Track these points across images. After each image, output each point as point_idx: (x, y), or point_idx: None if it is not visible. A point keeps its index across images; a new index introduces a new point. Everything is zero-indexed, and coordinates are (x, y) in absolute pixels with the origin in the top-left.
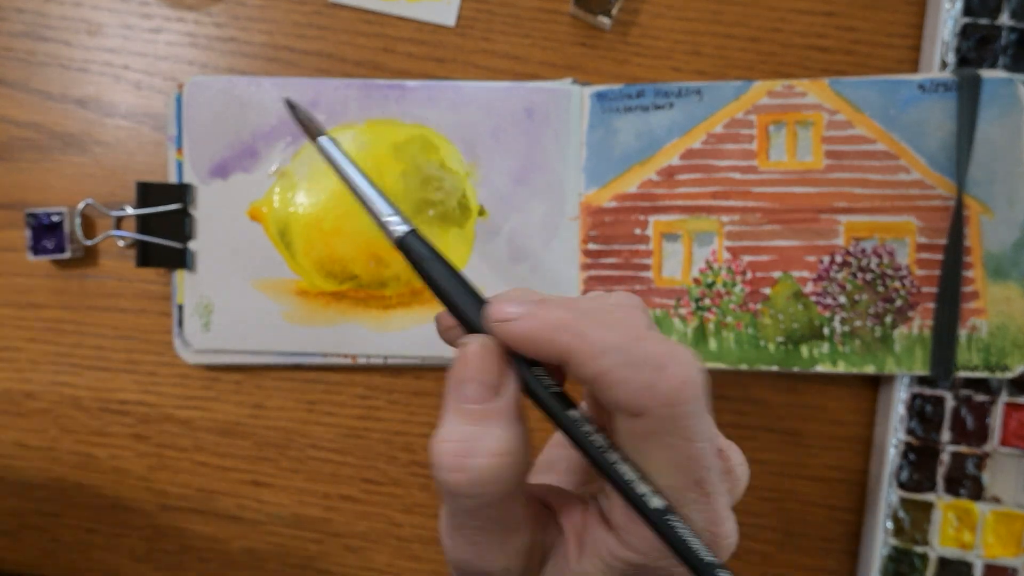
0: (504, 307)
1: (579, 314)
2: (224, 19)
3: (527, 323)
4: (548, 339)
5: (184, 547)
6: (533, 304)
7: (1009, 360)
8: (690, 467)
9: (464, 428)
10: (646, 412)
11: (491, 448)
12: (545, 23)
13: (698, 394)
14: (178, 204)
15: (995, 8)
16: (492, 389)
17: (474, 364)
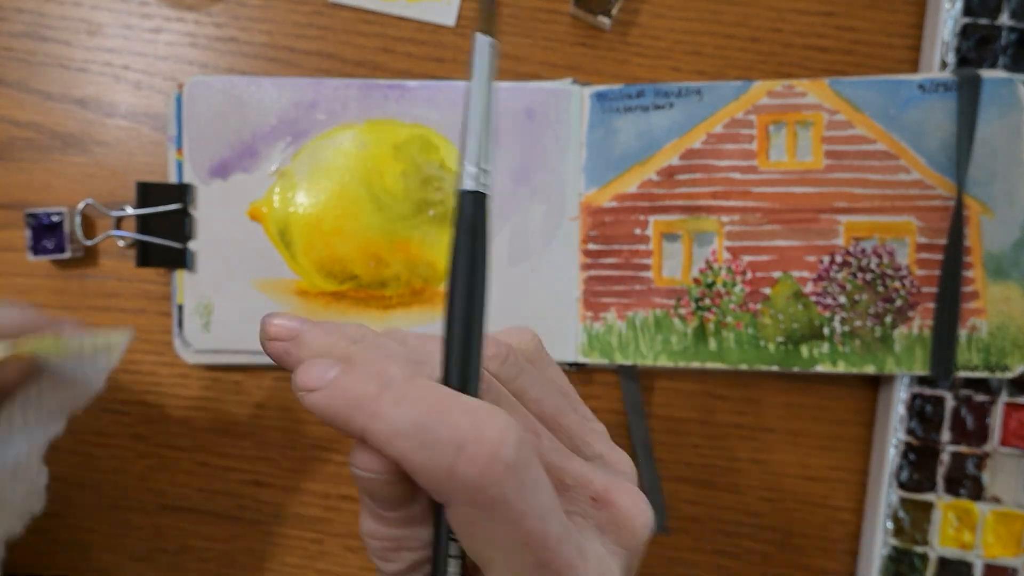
0: (308, 375)
1: (382, 385)
2: (224, 19)
3: (324, 398)
4: (345, 419)
5: (184, 547)
6: (338, 372)
7: (1009, 360)
8: (526, 551)
9: (385, 531)
10: (452, 499)
11: (417, 545)
12: (545, 23)
13: (509, 471)
14: (178, 204)
15: (995, 8)
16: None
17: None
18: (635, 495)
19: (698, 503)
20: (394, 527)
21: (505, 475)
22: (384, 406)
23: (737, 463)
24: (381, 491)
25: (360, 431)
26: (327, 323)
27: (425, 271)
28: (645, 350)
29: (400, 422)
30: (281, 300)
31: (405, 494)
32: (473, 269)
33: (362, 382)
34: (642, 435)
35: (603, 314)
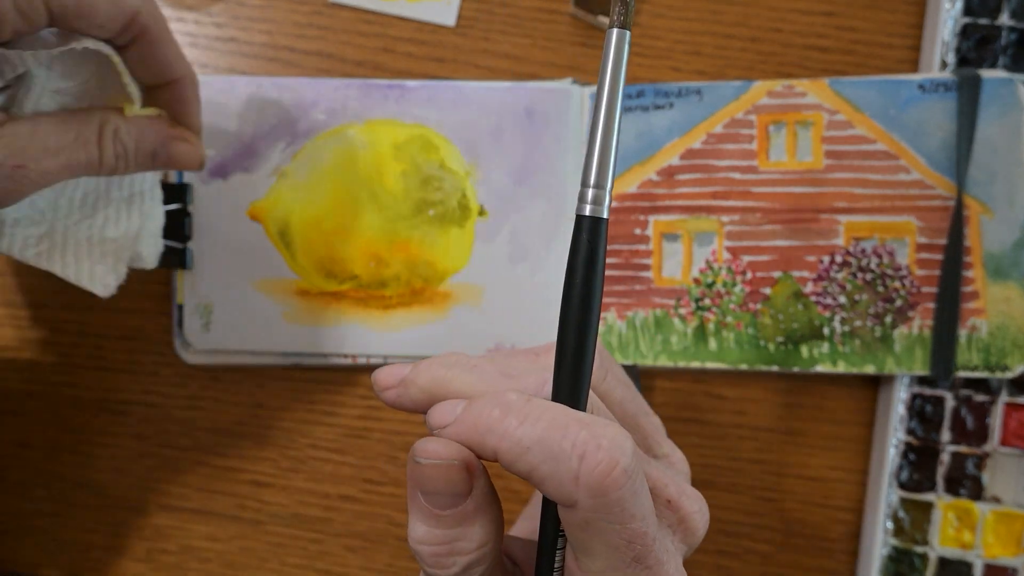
0: (440, 415)
1: (505, 409)
2: (224, 19)
3: (458, 430)
4: (479, 443)
5: (184, 547)
6: (464, 407)
7: (1009, 360)
8: (629, 547)
9: (439, 532)
10: (577, 504)
11: (470, 547)
12: (545, 23)
13: (627, 476)
14: (178, 204)
15: (995, 8)
16: (461, 496)
17: (438, 479)
18: (699, 500)
19: None
20: (448, 527)
21: (623, 480)
22: (510, 428)
23: (737, 463)
24: (444, 481)
25: (492, 452)
26: (425, 361)
27: (425, 271)
28: (645, 350)
29: (526, 439)
30: (281, 300)
31: (463, 486)
32: (588, 294)
33: (487, 410)
34: None
35: (603, 314)
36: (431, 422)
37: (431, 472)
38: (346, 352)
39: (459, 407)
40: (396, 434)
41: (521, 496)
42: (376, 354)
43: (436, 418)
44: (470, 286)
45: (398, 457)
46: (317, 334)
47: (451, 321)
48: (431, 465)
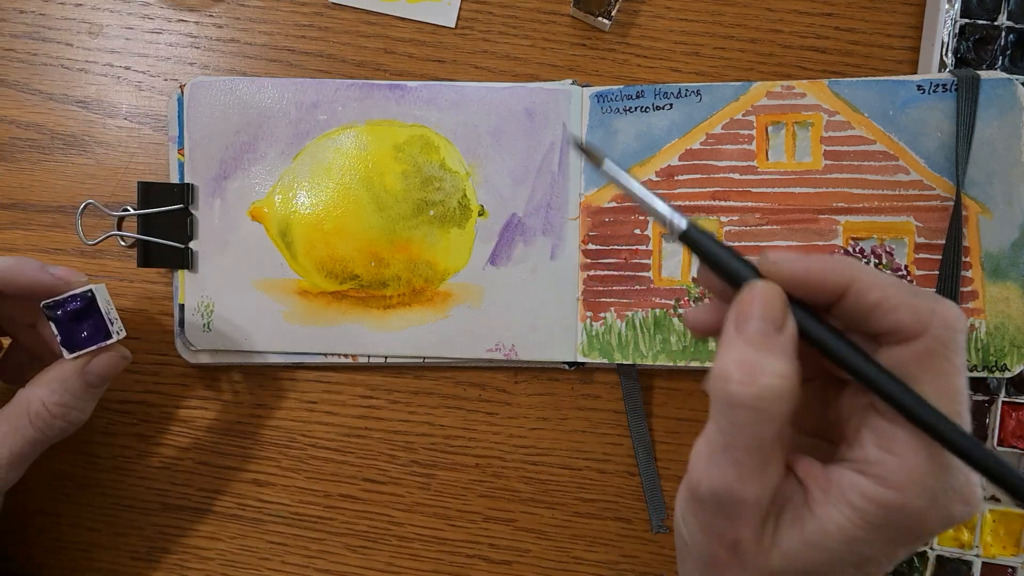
0: (782, 252)
1: (846, 258)
2: (225, 20)
3: (804, 263)
4: (831, 272)
5: (185, 546)
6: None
7: (1008, 360)
8: (954, 398)
9: (750, 353)
10: (927, 332)
11: (776, 370)
12: (545, 24)
13: (966, 328)
14: (179, 204)
15: (993, 9)
16: (776, 325)
17: (761, 302)
18: None
19: None
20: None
21: (965, 327)
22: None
23: None
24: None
25: (847, 279)
26: None
27: (425, 271)
28: (645, 350)
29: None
30: (282, 300)
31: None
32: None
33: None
34: (642, 435)
35: (603, 314)
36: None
37: (756, 295)
38: (346, 352)
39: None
40: (396, 434)
41: (521, 496)
42: (376, 354)
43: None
44: (470, 286)
45: (398, 457)
46: (317, 334)
47: (451, 321)
48: (756, 289)
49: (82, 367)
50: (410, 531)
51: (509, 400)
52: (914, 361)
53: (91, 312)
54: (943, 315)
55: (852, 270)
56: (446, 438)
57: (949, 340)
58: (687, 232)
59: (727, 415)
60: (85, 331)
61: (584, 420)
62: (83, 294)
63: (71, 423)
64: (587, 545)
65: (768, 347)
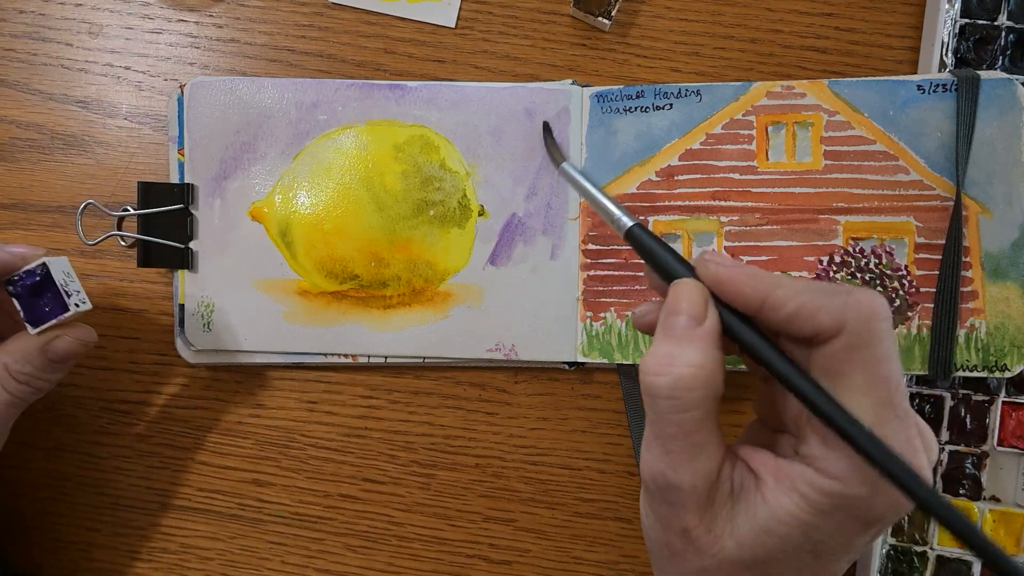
0: (716, 253)
1: (771, 272)
2: (225, 20)
3: (733, 269)
4: (750, 285)
5: (184, 547)
6: (737, 261)
7: (1008, 360)
8: (883, 387)
9: (668, 347)
10: (845, 327)
11: (688, 360)
12: (545, 24)
13: (886, 315)
14: (179, 204)
15: (993, 9)
16: (697, 320)
17: (683, 298)
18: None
19: None
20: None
21: (884, 315)
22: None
23: None
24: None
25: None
26: None
27: (426, 271)
28: (645, 350)
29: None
30: (282, 300)
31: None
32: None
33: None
34: (642, 435)
35: (603, 314)
36: (708, 255)
37: (680, 291)
38: (346, 352)
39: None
40: (396, 434)
41: (521, 496)
42: (376, 354)
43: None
44: (470, 286)
45: (398, 457)
46: (317, 334)
47: (451, 321)
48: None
49: (44, 343)
50: (410, 531)
51: (509, 400)
52: (837, 358)
53: (48, 285)
54: (855, 308)
55: (769, 284)
56: (446, 438)
57: (866, 331)
58: (631, 231)
59: (651, 406)
60: (46, 305)
61: (584, 420)
62: (37, 268)
63: (37, 389)
64: (587, 545)
65: (686, 339)
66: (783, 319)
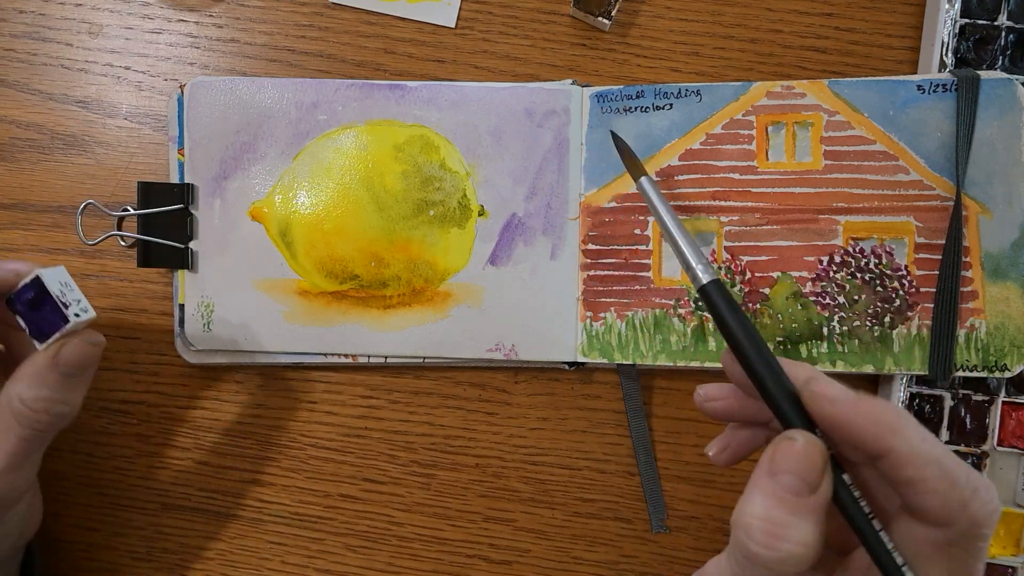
0: (831, 387)
1: (899, 414)
2: (225, 20)
3: (852, 410)
4: (874, 435)
5: (184, 547)
6: (852, 392)
7: (1008, 360)
8: None
9: (778, 512)
10: (952, 525)
11: (801, 539)
12: (545, 24)
13: (995, 524)
14: (179, 204)
15: (993, 9)
16: (811, 487)
17: (799, 458)
18: None
19: (698, 503)
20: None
21: (993, 526)
22: (912, 432)
23: None
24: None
25: (886, 447)
26: None
27: (426, 271)
28: (644, 350)
29: (928, 452)
30: (282, 300)
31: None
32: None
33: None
34: (642, 435)
35: (603, 314)
36: (819, 387)
37: (797, 450)
38: (346, 352)
39: (846, 389)
40: (396, 434)
41: (521, 496)
42: (376, 354)
43: (825, 386)
44: (470, 286)
45: (398, 457)
46: (317, 334)
47: (451, 321)
48: (797, 443)
49: (53, 357)
50: (410, 531)
51: (509, 400)
52: (931, 546)
53: (44, 298)
54: (974, 514)
55: (893, 437)
56: (446, 438)
57: (974, 537)
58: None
59: (743, 565)
60: (47, 318)
61: (584, 420)
62: (32, 282)
63: (58, 416)
64: (587, 545)
65: (798, 510)
66: (896, 480)
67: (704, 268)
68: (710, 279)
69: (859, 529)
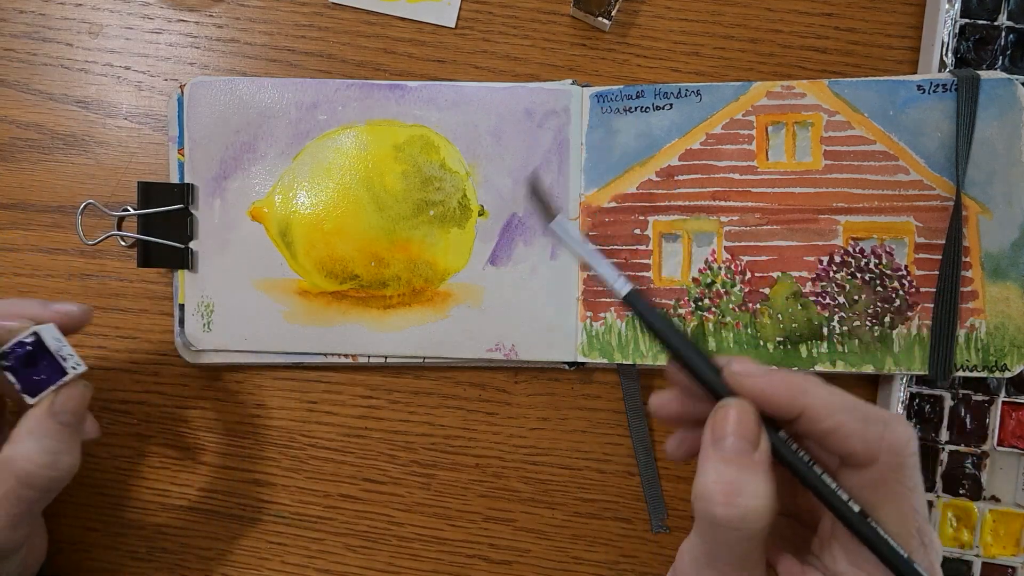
0: (746, 364)
1: (806, 378)
2: (225, 20)
3: (766, 380)
4: (788, 396)
5: (184, 546)
6: (766, 367)
7: (1008, 360)
8: (911, 516)
9: (730, 472)
10: (876, 460)
11: (756, 491)
12: (545, 24)
13: (916, 449)
14: (179, 204)
15: (993, 9)
16: (752, 444)
17: (735, 421)
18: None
19: None
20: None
21: (915, 450)
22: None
23: None
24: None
25: (801, 406)
26: None
27: (426, 271)
28: (645, 349)
29: (837, 402)
30: (282, 300)
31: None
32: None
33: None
34: (642, 435)
35: (603, 314)
36: (740, 368)
37: (732, 414)
38: (346, 352)
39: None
40: (396, 433)
41: (521, 496)
42: (376, 354)
43: (746, 366)
44: (470, 286)
45: (398, 457)
46: (317, 334)
47: (451, 321)
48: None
49: (49, 409)
50: (410, 531)
51: (509, 400)
52: (869, 488)
53: (42, 354)
54: (891, 441)
55: (805, 396)
56: (446, 438)
57: (899, 465)
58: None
59: (710, 532)
60: (42, 373)
61: (584, 420)
62: (28, 338)
63: (62, 470)
64: (587, 545)
65: (746, 465)
66: (818, 434)
67: (624, 281)
68: (630, 289)
69: (803, 476)
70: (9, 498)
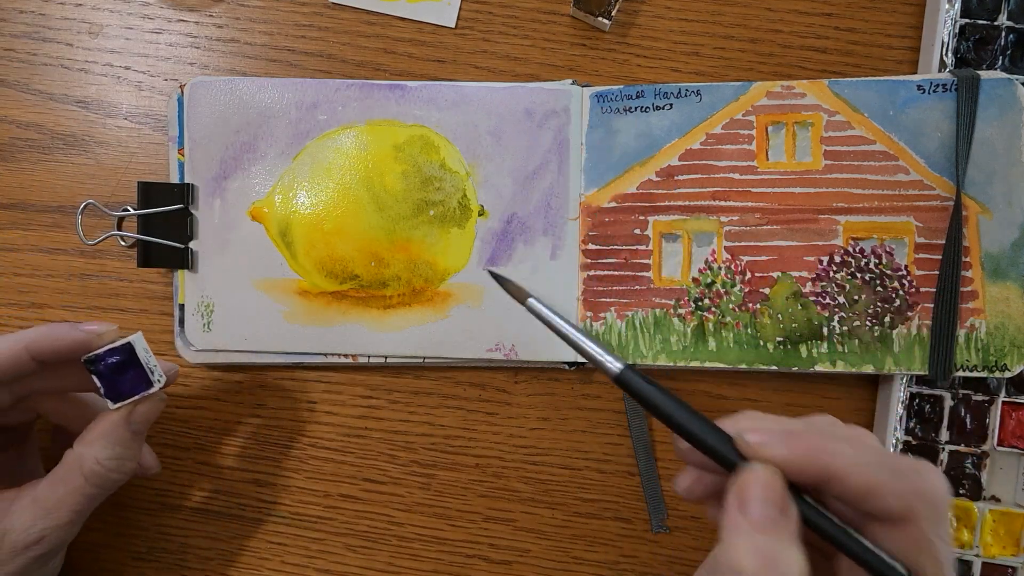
0: (759, 431)
1: (826, 436)
2: (225, 20)
3: (788, 450)
4: (812, 463)
5: (184, 546)
6: (781, 430)
7: (1008, 360)
8: (943, 564)
9: (762, 541)
10: (914, 515)
11: (792, 562)
12: (545, 24)
13: (949, 497)
14: (179, 204)
15: (993, 9)
16: (781, 510)
17: (762, 485)
18: None
19: None
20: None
21: (950, 498)
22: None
23: None
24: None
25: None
26: None
27: (425, 271)
28: (645, 350)
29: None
30: (282, 300)
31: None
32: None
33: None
34: (642, 435)
35: (603, 314)
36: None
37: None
38: (346, 352)
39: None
40: (396, 433)
41: (521, 496)
42: (376, 354)
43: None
44: (470, 286)
45: (398, 457)
46: (317, 334)
47: (451, 321)
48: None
49: (127, 416)
50: (410, 531)
51: (509, 400)
52: (908, 544)
53: (132, 363)
54: (929, 496)
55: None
56: (446, 438)
57: (938, 519)
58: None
59: None
60: (128, 382)
61: (584, 420)
62: (122, 347)
63: (125, 473)
64: (587, 545)
65: (778, 533)
66: (848, 494)
67: (615, 358)
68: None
69: (837, 539)
70: (75, 495)
